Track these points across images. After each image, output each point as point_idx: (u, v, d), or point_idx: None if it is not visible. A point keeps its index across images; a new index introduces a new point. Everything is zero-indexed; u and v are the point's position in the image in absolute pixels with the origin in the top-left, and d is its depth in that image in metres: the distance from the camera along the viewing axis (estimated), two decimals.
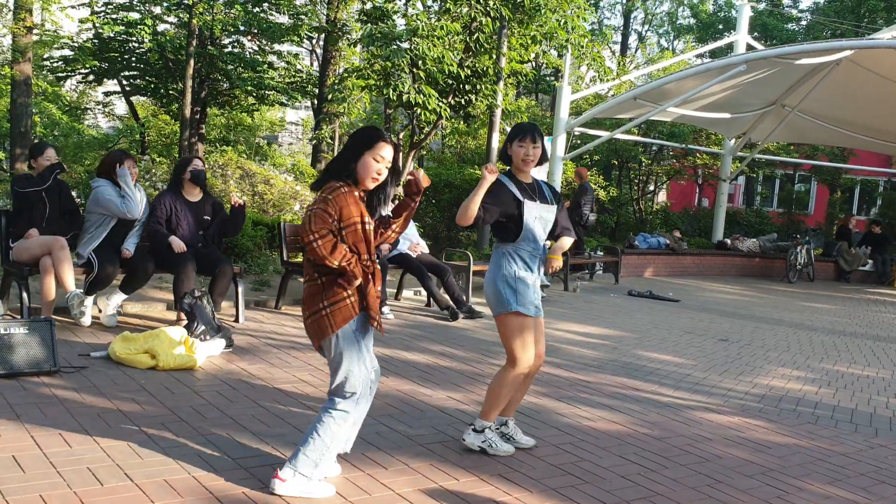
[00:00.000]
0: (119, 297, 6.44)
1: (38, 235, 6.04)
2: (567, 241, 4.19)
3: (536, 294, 4.01)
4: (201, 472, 3.44)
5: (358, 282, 3.23)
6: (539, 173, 4.26)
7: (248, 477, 3.44)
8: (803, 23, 27.11)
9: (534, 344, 3.97)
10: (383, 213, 3.46)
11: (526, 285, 3.93)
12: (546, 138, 13.45)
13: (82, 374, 4.85)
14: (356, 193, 3.28)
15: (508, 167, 4.07)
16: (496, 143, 12.00)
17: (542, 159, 4.04)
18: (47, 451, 3.54)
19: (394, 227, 3.51)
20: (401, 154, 3.40)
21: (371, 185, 3.31)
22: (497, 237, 4.04)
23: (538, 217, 3.96)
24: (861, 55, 12.98)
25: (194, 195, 6.71)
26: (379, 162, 3.26)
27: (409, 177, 3.49)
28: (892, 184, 23.39)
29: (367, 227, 3.29)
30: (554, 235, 4.16)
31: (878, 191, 23.76)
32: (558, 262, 4.14)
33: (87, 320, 6.15)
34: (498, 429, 4.13)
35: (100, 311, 6.40)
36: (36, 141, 11.58)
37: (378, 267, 3.43)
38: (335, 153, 20.76)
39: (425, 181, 3.48)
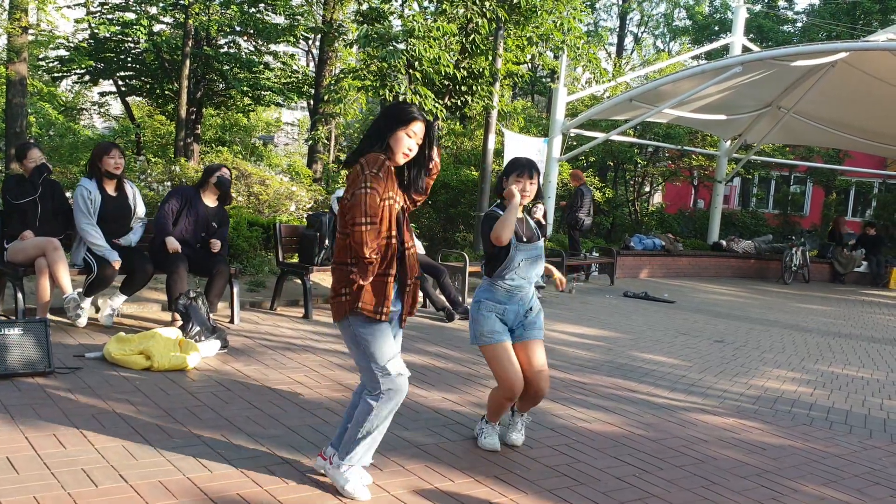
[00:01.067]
0: (120, 299, 6.46)
1: (32, 235, 6.03)
2: (549, 267, 4.31)
3: (519, 324, 4.05)
4: (196, 474, 3.43)
5: (367, 281, 3.20)
6: None
7: (242, 478, 3.43)
8: (799, 25, 27.17)
9: (517, 365, 3.96)
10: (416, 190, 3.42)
11: (493, 319, 3.99)
12: (542, 140, 13.49)
13: (77, 375, 4.84)
14: (392, 168, 3.29)
15: (500, 200, 4.05)
16: (492, 144, 12.01)
17: (537, 196, 4.09)
18: (41, 453, 3.53)
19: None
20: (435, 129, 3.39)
21: (402, 161, 3.30)
22: (486, 264, 4.09)
23: (526, 259, 4.00)
24: (856, 57, 13.02)
25: (212, 200, 6.75)
26: (411, 138, 3.28)
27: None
28: (887, 185, 23.45)
29: (397, 204, 3.27)
30: None
31: (872, 192, 23.82)
32: (559, 275, 4.30)
33: (82, 322, 6.14)
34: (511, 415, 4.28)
35: (97, 310, 6.39)
36: (31, 140, 11.56)
37: (415, 245, 3.44)
38: (331, 154, 20.82)
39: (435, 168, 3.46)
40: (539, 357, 4.05)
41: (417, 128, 3.28)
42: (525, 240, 4.02)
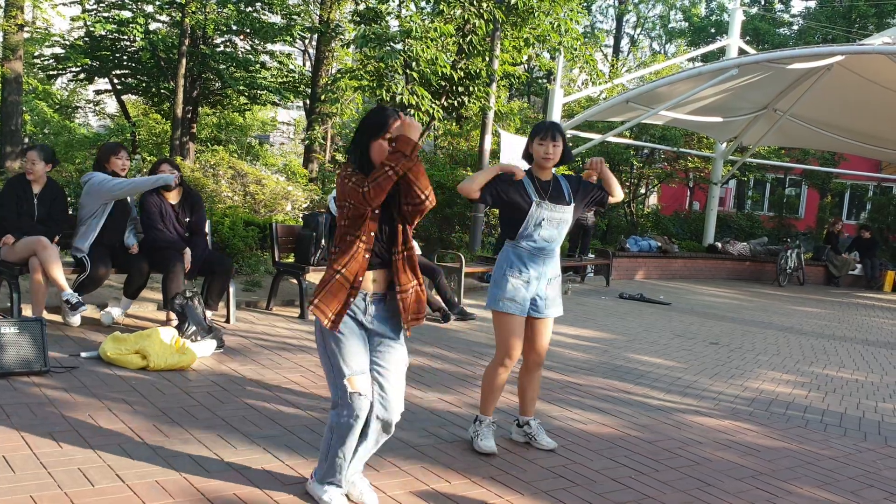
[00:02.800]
0: (126, 303, 6.48)
1: (13, 240, 5.91)
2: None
3: (542, 294, 4.05)
4: (192, 473, 3.43)
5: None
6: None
7: (239, 478, 3.43)
8: (795, 28, 27.26)
9: (519, 341, 4.04)
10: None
11: (514, 284, 4.00)
12: None
13: (73, 375, 4.83)
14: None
15: (530, 167, 4.12)
16: (488, 144, 12.01)
17: (565, 158, 4.08)
18: (38, 452, 3.52)
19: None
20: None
21: None
22: (503, 230, 4.13)
23: (546, 219, 3.98)
24: (852, 60, 13.06)
25: (173, 196, 6.54)
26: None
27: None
28: (882, 188, 23.52)
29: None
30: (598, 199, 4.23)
31: (867, 195, 23.90)
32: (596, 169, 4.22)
33: (76, 321, 6.13)
34: (521, 427, 4.28)
35: (99, 310, 6.39)
36: (38, 144, 11.56)
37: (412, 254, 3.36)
38: (327, 153, 20.81)
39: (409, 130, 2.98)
40: (545, 338, 4.14)
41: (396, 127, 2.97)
42: (545, 198, 3.99)
